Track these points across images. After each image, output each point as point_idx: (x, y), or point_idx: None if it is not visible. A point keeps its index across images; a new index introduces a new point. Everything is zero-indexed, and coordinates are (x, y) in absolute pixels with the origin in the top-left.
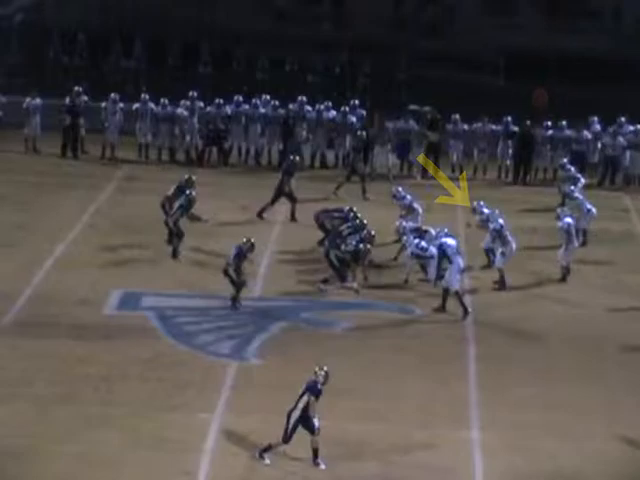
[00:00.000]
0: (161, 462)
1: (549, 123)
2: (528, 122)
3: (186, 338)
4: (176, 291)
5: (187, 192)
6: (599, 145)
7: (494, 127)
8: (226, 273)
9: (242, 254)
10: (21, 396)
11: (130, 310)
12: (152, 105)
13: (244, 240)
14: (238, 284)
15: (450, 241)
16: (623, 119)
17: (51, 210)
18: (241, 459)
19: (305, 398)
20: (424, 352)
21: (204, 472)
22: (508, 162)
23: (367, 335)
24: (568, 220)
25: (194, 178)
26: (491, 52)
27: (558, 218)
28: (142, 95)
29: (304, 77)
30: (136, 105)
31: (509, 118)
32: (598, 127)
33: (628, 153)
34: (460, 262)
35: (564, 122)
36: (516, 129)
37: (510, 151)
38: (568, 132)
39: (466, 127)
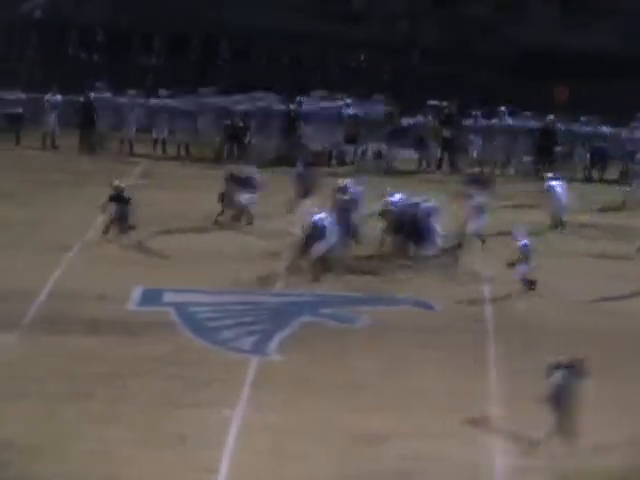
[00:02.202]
0: (181, 459)
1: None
2: (551, 117)
3: (207, 334)
4: (197, 287)
5: None
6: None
7: (512, 122)
8: None
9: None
10: (32, 393)
11: (152, 306)
12: (169, 101)
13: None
14: None
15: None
16: None
17: (69, 206)
18: (262, 456)
19: None
20: (444, 347)
21: (225, 469)
22: (526, 158)
23: (387, 330)
24: (526, 242)
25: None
26: (507, 49)
27: (515, 239)
28: (159, 91)
29: (324, 73)
30: (153, 101)
31: (528, 113)
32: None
33: None
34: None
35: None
36: (534, 124)
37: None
38: (587, 128)
39: (485, 122)
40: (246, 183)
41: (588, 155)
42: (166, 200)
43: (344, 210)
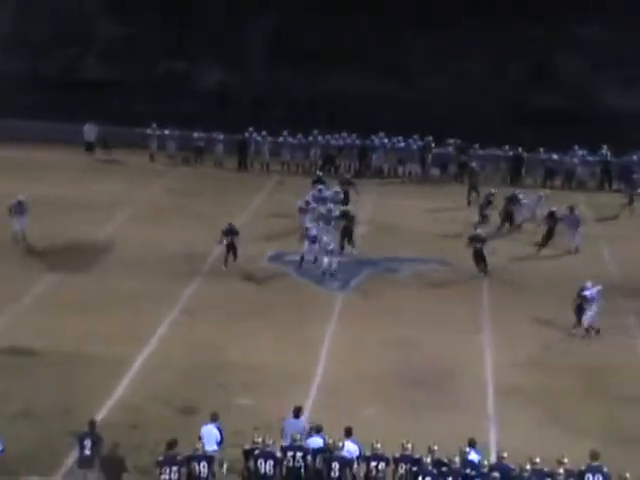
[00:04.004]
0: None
1: None
2: None
3: (310, 278)
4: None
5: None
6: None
7: None
8: None
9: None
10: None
11: (277, 262)
12: (290, 139)
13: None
14: None
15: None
16: None
17: (234, 200)
18: (344, 352)
19: None
20: (452, 290)
21: (324, 354)
22: None
23: (422, 278)
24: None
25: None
26: None
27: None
28: (283, 132)
29: None
30: (280, 139)
31: None
32: None
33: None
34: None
35: None
36: None
37: None
38: None
39: None
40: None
41: None
42: (290, 200)
43: None
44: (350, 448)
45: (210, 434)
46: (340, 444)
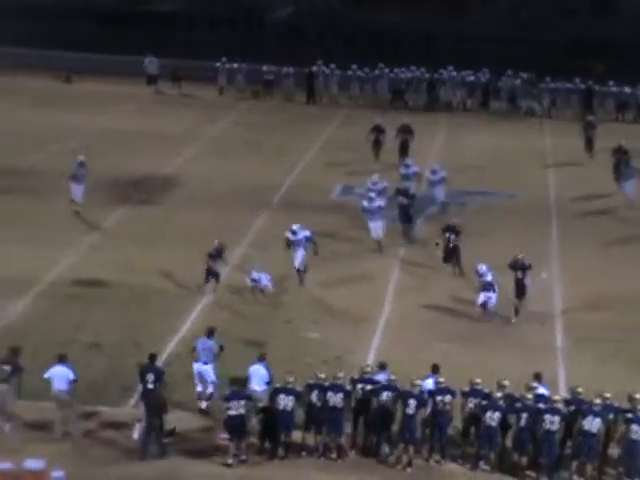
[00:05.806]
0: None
1: None
2: None
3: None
4: None
5: None
6: None
7: None
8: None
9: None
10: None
11: (347, 195)
12: (359, 72)
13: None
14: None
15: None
16: None
17: (305, 134)
18: (411, 280)
19: None
20: (526, 222)
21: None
22: None
23: (491, 211)
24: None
25: None
26: None
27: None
28: (352, 66)
29: None
30: (349, 72)
31: None
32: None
33: None
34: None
35: None
36: None
37: None
38: None
39: None
40: None
41: None
42: (357, 133)
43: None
44: (429, 385)
45: (258, 374)
46: (418, 382)
